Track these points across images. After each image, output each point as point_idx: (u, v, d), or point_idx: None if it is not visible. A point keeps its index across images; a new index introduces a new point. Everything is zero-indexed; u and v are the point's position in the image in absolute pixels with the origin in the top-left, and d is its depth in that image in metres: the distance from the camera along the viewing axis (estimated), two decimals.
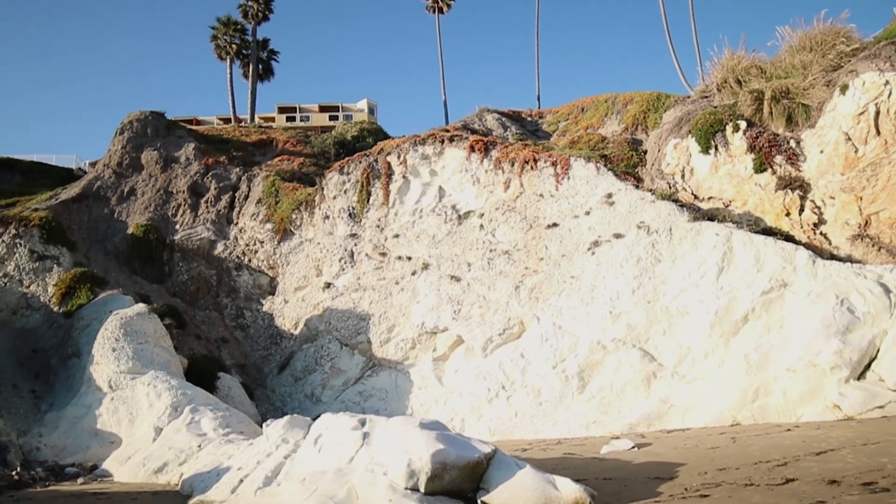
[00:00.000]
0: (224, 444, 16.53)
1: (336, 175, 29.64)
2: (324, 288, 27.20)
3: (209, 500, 12.25)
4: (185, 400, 19.53)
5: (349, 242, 27.72)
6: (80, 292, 25.44)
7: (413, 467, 9.44)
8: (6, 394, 21.49)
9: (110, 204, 33.26)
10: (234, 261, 30.50)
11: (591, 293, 20.97)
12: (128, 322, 22.60)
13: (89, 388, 21.11)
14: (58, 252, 27.77)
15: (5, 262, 26.92)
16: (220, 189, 33.08)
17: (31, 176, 43.80)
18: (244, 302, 29.70)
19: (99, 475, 17.66)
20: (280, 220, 30.13)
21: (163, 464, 16.74)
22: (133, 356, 21.48)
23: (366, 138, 38.38)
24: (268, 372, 27.12)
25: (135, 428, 19.54)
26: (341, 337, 25.49)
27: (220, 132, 42.52)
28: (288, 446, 12.54)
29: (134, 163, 35.00)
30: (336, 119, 48.80)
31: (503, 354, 21.45)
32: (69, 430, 20.20)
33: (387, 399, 23.11)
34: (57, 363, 23.29)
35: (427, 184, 27.37)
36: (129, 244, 31.06)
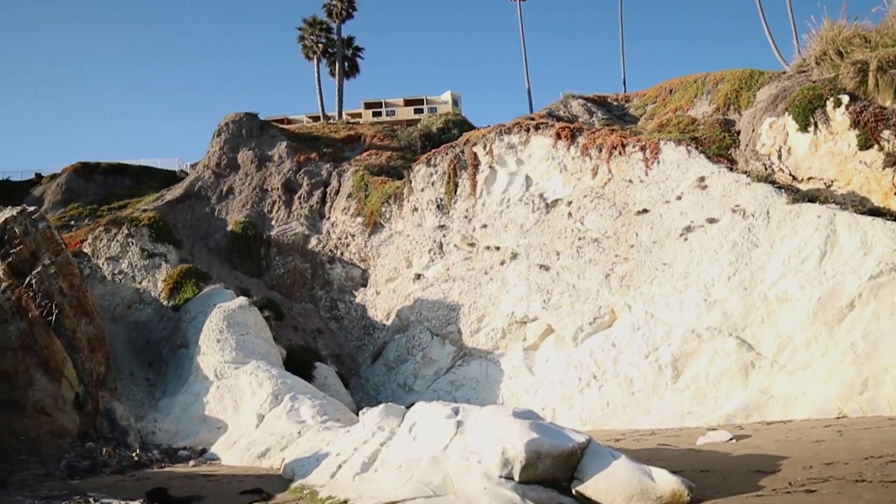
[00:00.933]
0: (322, 430, 17.19)
1: (423, 167, 30.02)
2: (414, 279, 27.69)
3: (310, 485, 12.74)
4: (284, 388, 20.41)
5: (438, 234, 28.05)
6: (187, 287, 26.98)
7: (507, 456, 9.54)
8: (124, 382, 23.07)
9: (211, 203, 34.97)
10: (327, 254, 31.48)
11: (685, 280, 20.42)
12: (230, 315, 23.81)
13: (197, 377, 22.40)
14: (165, 250, 29.55)
15: (119, 259, 28.89)
16: (312, 185, 34.13)
17: (139, 179, 46.64)
18: (338, 294, 30.64)
19: (208, 458, 18.72)
20: (370, 214, 30.84)
21: (266, 449, 17.56)
22: (236, 347, 22.63)
23: (451, 130, 38.64)
24: (361, 361, 27.91)
25: (239, 414, 20.58)
26: (432, 327, 25.89)
27: (310, 130, 43.83)
28: (383, 434, 12.91)
29: (231, 163, 36.63)
30: (421, 112, 49.35)
31: (594, 343, 21.22)
32: (180, 416, 21.51)
33: (478, 388, 23.33)
34: (168, 353, 24.82)
35: (514, 173, 27.31)
36: (229, 240, 32.61)
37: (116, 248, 29.33)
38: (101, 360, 21.46)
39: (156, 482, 14.20)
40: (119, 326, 26.10)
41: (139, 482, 14.79)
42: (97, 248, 29.49)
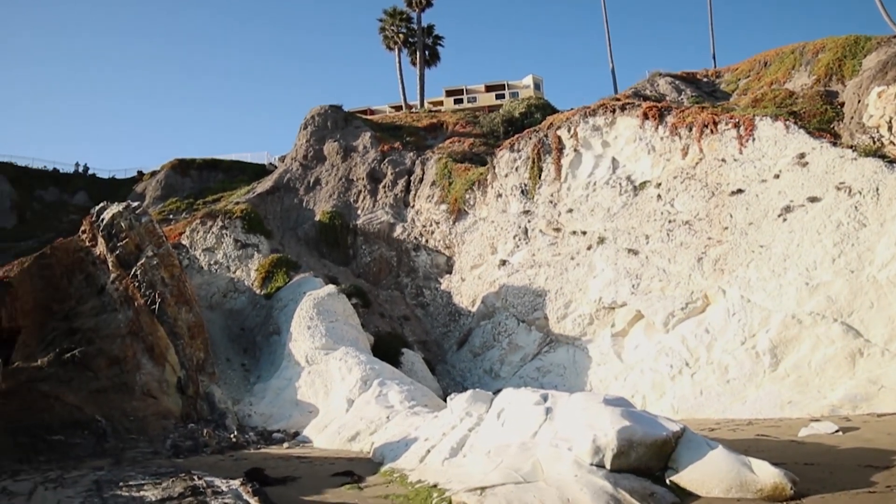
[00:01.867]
0: (410, 416, 17.38)
1: (506, 153, 29.78)
2: (499, 265, 27.58)
3: (400, 468, 12.91)
4: (373, 374, 20.77)
5: (523, 219, 27.80)
6: (278, 276, 27.89)
7: (598, 443, 9.34)
8: (222, 367, 24.09)
9: (299, 194, 35.95)
10: (412, 242, 31.79)
11: (784, 263, 19.41)
12: (320, 302, 24.44)
13: (289, 362, 23.12)
14: (257, 240, 30.63)
15: (215, 250, 30.16)
16: (396, 174, 34.52)
17: (231, 173, 48.58)
18: (423, 281, 30.93)
19: (301, 441, 19.28)
20: (454, 201, 30.90)
21: (355, 433, 17.91)
22: (326, 333, 23.21)
23: (533, 114, 38.19)
24: (447, 348, 28.08)
25: (329, 399, 21.09)
26: (518, 313, 25.74)
27: (393, 119, 44.31)
28: (471, 419, 12.92)
29: (317, 154, 37.51)
30: (502, 97, 48.99)
31: (686, 329, 20.52)
32: (274, 400, 22.27)
33: (565, 375, 23.04)
34: (261, 340, 25.74)
35: (599, 156, 26.69)
36: (317, 230, 33.46)
37: (212, 240, 30.64)
38: (200, 346, 22.48)
39: (253, 462, 14.74)
40: (216, 314, 27.26)
41: (237, 462, 15.39)
42: (194, 240, 30.90)
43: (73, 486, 10.91)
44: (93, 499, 9.66)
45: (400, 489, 11.27)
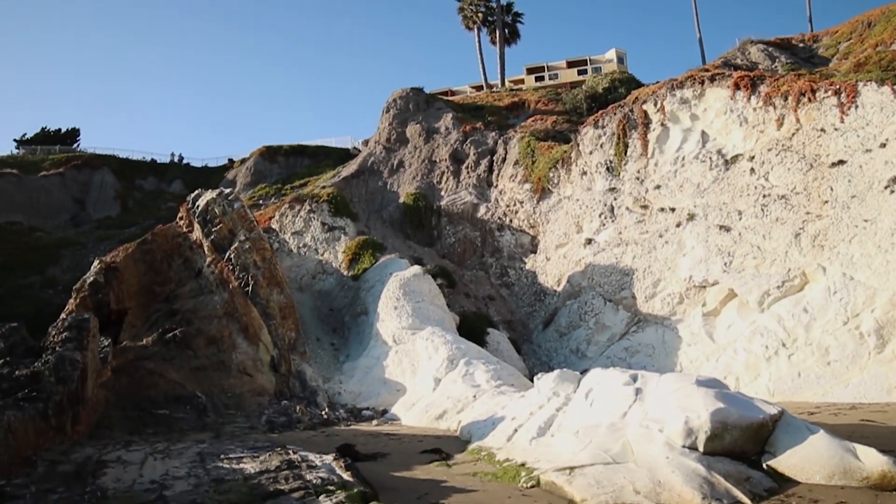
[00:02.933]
0: (496, 395, 17.42)
1: (590, 130, 29.17)
2: (585, 244, 27.16)
3: (487, 447, 12.98)
4: (459, 353, 20.92)
5: (608, 197, 27.23)
6: (364, 257, 28.46)
7: (691, 425, 9.11)
8: (312, 346, 24.87)
9: (383, 177, 36.47)
10: (496, 222, 31.72)
11: (891, 238, 18.21)
12: (406, 283, 24.80)
13: (377, 342, 23.61)
14: (343, 223, 31.34)
15: (303, 234, 31.06)
16: (479, 154, 34.45)
17: (317, 158, 49.83)
18: (507, 261, 30.85)
19: (389, 418, 19.67)
20: (538, 180, 30.58)
21: (442, 411, 18.10)
22: (412, 313, 23.54)
23: (617, 89, 37.21)
24: (533, 328, 27.96)
25: (416, 378, 21.41)
26: (604, 292, 25.32)
27: (474, 100, 44.17)
28: (559, 399, 12.84)
29: (400, 137, 37.88)
30: (585, 73, 47.92)
31: (782, 309, 19.62)
32: (363, 379, 22.81)
33: (654, 355, 22.53)
34: (349, 320, 26.39)
35: (688, 129, 25.73)
36: (402, 212, 33.88)
37: (300, 224, 31.55)
38: (291, 326, 23.26)
39: (344, 439, 15.17)
40: (305, 295, 28.12)
41: (329, 438, 15.88)
42: (283, 224, 31.90)
43: (179, 457, 11.55)
44: (197, 469, 10.19)
45: (488, 467, 11.36)
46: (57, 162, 54.06)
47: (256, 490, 8.64)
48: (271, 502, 8.06)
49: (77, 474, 9.94)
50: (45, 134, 63.27)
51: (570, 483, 9.00)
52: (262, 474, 9.54)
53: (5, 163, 53.40)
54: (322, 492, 8.26)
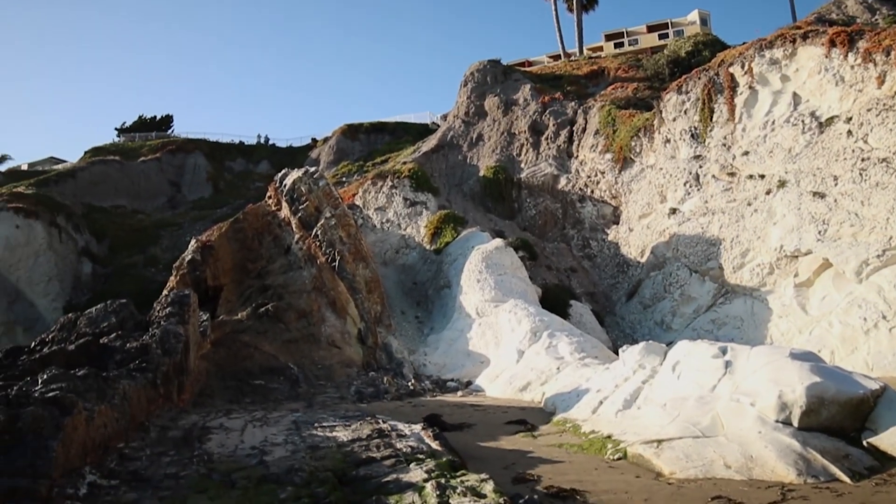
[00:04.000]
0: (580, 367, 17.40)
1: (674, 95, 28.24)
2: (669, 214, 26.50)
3: (572, 419, 13.04)
4: (542, 326, 20.95)
5: (693, 165, 26.39)
6: (446, 231, 28.77)
7: (785, 399, 8.88)
8: (397, 319, 25.46)
9: (462, 150, 36.55)
10: (577, 193, 31.33)
11: None
12: (488, 256, 24.95)
13: (460, 314, 23.92)
14: (425, 198, 31.72)
15: (386, 209, 31.64)
16: (558, 125, 33.98)
17: (396, 134, 50.39)
18: (589, 232, 30.48)
19: (474, 390, 19.97)
20: (619, 149, 29.95)
21: (526, 383, 18.22)
22: (494, 286, 23.70)
23: (701, 52, 35.75)
24: (616, 300, 27.63)
25: (500, 350, 21.61)
26: (690, 263, 24.69)
27: (552, 70, 43.43)
28: (645, 372, 12.73)
29: (478, 110, 37.78)
30: (666, 37, 46.19)
31: (882, 279, 18.59)
32: (447, 351, 23.21)
33: (742, 328, 21.88)
34: (433, 293, 26.82)
35: (778, 92, 24.51)
36: (482, 185, 33.95)
37: (383, 199, 32.13)
38: (377, 300, 23.87)
39: (430, 409, 15.56)
40: (389, 270, 28.73)
41: (416, 408, 16.30)
42: (366, 200, 32.57)
43: (276, 424, 12.17)
44: (293, 437, 10.73)
45: (573, 439, 11.44)
46: (154, 147, 56.91)
47: (350, 457, 9.03)
48: (364, 469, 8.41)
49: (185, 439, 10.64)
50: (142, 121, 66.61)
51: (658, 456, 8.98)
52: (354, 442, 9.94)
53: (108, 150, 56.67)
54: (412, 460, 8.55)
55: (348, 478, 8.07)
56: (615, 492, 7.99)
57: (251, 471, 8.37)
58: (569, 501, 7.71)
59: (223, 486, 7.70)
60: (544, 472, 9.08)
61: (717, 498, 7.45)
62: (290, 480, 7.72)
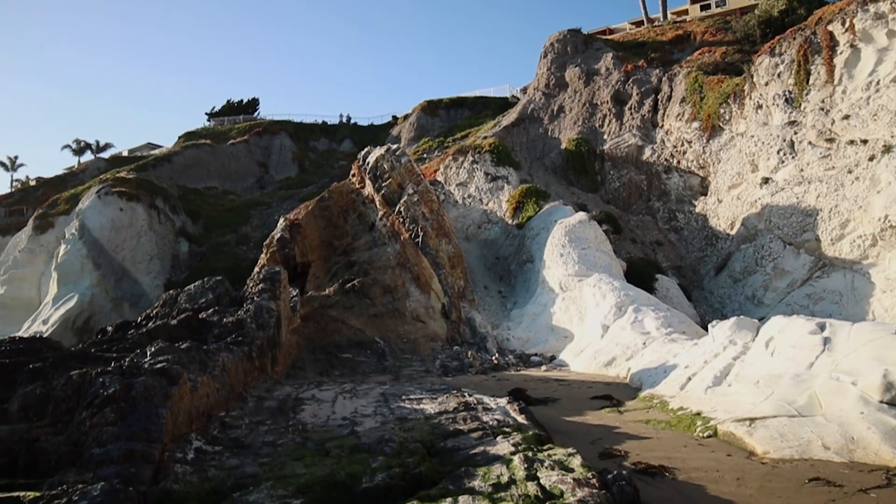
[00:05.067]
0: (667, 342, 17.05)
1: (766, 58, 26.86)
2: (761, 184, 25.39)
3: (659, 395, 12.83)
4: (627, 300, 20.61)
5: (787, 131, 25.12)
6: (528, 206, 28.61)
7: (891, 379, 8.43)
8: (480, 294, 25.61)
9: (543, 123, 36.08)
10: (663, 164, 30.43)
11: None
12: (571, 230, 24.68)
13: (543, 289, 23.82)
14: (506, 172, 31.57)
15: (467, 184, 31.70)
16: (642, 94, 33.02)
17: (476, 109, 50.24)
18: (675, 204, 29.61)
19: (557, 364, 19.92)
20: (707, 117, 28.83)
21: (611, 358, 18.03)
22: (578, 260, 23.45)
23: (796, 10, 33.74)
24: (704, 273, 26.81)
25: (584, 324, 21.43)
26: (784, 235, 23.64)
27: (635, 36, 42.06)
28: (736, 348, 12.37)
29: (559, 82, 37.12)
30: None
31: None
32: (530, 325, 23.21)
33: (841, 303, 20.83)
34: (515, 268, 26.80)
35: (883, 49, 22.88)
36: (564, 158, 33.47)
37: (464, 175, 32.20)
38: (459, 275, 24.06)
39: (514, 383, 15.64)
40: (471, 245, 28.86)
41: (500, 382, 16.44)
42: (448, 176, 32.72)
43: (365, 396, 12.54)
44: (382, 408, 11.04)
45: (661, 415, 11.28)
46: (242, 130, 59.02)
47: (437, 429, 9.23)
48: (452, 441, 8.59)
49: (280, 409, 11.14)
50: (230, 106, 69.10)
51: (751, 435, 8.75)
52: (441, 415, 10.14)
53: (200, 135, 59.21)
54: (498, 433, 8.66)
55: (436, 449, 8.26)
56: (706, 470, 7.86)
57: (343, 440, 8.69)
58: (658, 478, 7.64)
59: (318, 454, 8.04)
60: (631, 448, 9.02)
61: (815, 480, 7.22)
62: (380, 450, 7.97)
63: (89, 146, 72.51)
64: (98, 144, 72.36)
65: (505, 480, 6.54)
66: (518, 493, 6.10)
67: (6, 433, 7.93)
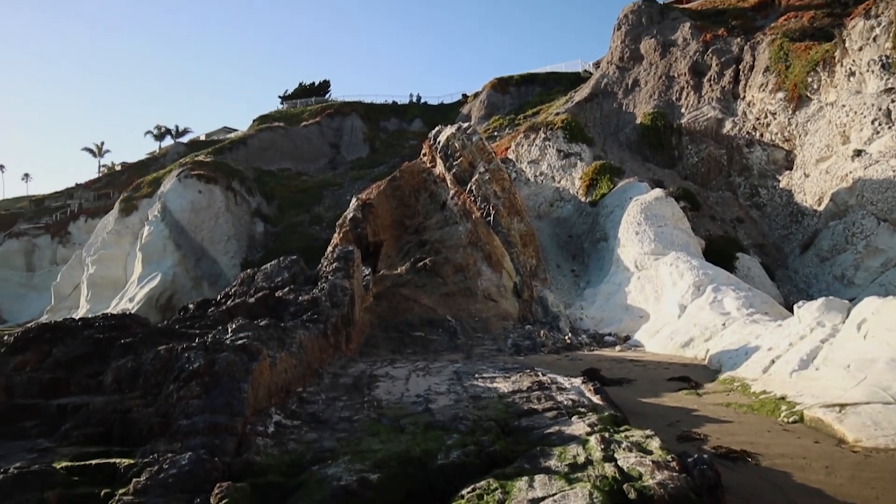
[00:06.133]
0: (749, 323, 16.44)
1: (860, 21, 25.24)
2: (852, 156, 23.98)
3: (740, 377, 12.40)
4: (706, 279, 19.96)
5: (883, 100, 23.58)
6: (601, 183, 28.00)
7: None
8: (552, 273, 25.33)
9: (617, 98, 35.14)
10: (744, 137, 29.16)
11: None
12: (647, 207, 24.03)
13: (617, 268, 23.35)
14: (579, 149, 30.96)
15: (539, 162, 31.27)
16: (722, 64, 31.66)
17: (547, 85, 49.45)
18: (758, 179, 28.37)
19: (632, 345, 19.53)
20: (793, 87, 27.39)
21: (689, 339, 17.52)
22: (654, 238, 22.84)
23: None
24: (788, 252, 25.66)
25: (660, 304, 20.90)
26: (877, 211, 22.31)
27: (714, 4, 40.28)
28: (824, 330, 11.79)
29: (633, 54, 36.02)
30: None
31: None
32: (604, 305, 22.81)
33: None
34: (588, 246, 26.35)
35: None
36: (639, 133, 32.54)
37: (535, 152, 31.76)
38: (531, 253, 23.84)
39: (587, 363, 15.43)
40: (543, 223, 28.53)
41: (573, 362, 16.24)
42: (519, 154, 32.35)
43: (438, 374, 12.60)
44: (455, 386, 11.06)
45: (742, 398, 10.90)
46: (314, 112, 60.05)
47: (511, 408, 9.17)
48: (526, 420, 8.51)
49: (355, 386, 11.31)
50: (302, 88, 70.39)
51: (841, 421, 8.33)
52: (514, 394, 10.07)
53: (273, 118, 60.60)
54: (573, 413, 8.52)
55: (510, 428, 8.20)
56: (791, 456, 7.54)
57: (417, 417, 8.74)
58: (740, 463, 7.38)
59: (393, 430, 8.11)
60: (711, 432, 8.75)
61: None
62: (455, 428, 7.97)
63: (169, 131, 75.48)
64: (177, 129, 75.20)
65: (581, 461, 6.42)
66: (595, 474, 5.98)
67: (102, 404, 8.34)
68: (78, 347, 11.16)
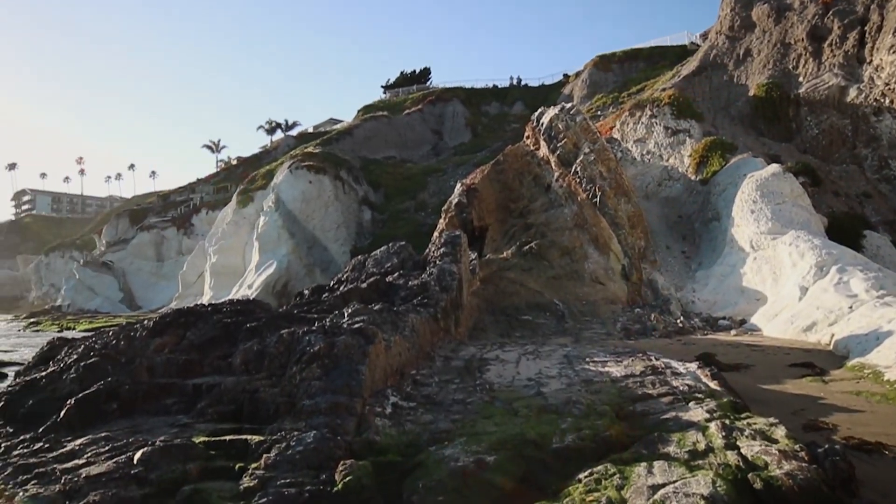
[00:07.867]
0: (879, 306, 15.38)
1: None
2: None
3: (871, 364, 11.69)
4: (830, 259, 18.83)
5: None
6: (713, 160, 26.87)
7: None
8: (661, 254, 24.63)
9: (727, 70, 33.52)
10: (871, 105, 27.11)
11: None
12: (763, 184, 22.89)
13: (732, 248, 22.41)
14: (687, 125, 29.80)
15: (646, 140, 30.37)
16: (845, 27, 29.46)
17: (652, 60, 47.87)
18: (888, 150, 26.34)
19: (748, 329, 18.75)
20: None
21: (811, 323, 16.61)
22: (771, 217, 21.75)
23: None
24: None
25: (778, 286, 19.92)
26: None
27: None
28: None
29: (745, 22, 34.18)
30: None
31: None
32: (717, 287, 21.99)
33: None
34: (699, 226, 25.41)
35: None
36: (752, 106, 30.93)
37: (641, 130, 30.84)
38: (640, 235, 23.28)
39: (701, 348, 14.95)
40: (651, 203, 27.72)
41: (686, 346, 15.79)
42: (624, 133, 31.52)
43: (548, 358, 12.61)
44: (566, 370, 11.04)
45: (874, 387, 10.29)
46: (415, 100, 60.92)
47: (625, 392, 9.08)
48: (641, 405, 8.41)
49: (466, 369, 11.51)
50: (403, 77, 71.50)
51: None
52: (627, 378, 9.96)
53: (377, 107, 61.97)
54: (690, 398, 8.35)
55: (625, 413, 8.14)
56: None
57: (530, 400, 8.82)
58: (875, 456, 6.99)
59: (506, 413, 8.24)
60: (840, 422, 8.33)
61: None
62: (568, 412, 7.99)
63: (279, 126, 78.72)
64: (287, 123, 78.31)
65: (702, 448, 6.31)
66: (717, 462, 5.86)
67: (232, 384, 8.94)
68: (209, 331, 11.97)
